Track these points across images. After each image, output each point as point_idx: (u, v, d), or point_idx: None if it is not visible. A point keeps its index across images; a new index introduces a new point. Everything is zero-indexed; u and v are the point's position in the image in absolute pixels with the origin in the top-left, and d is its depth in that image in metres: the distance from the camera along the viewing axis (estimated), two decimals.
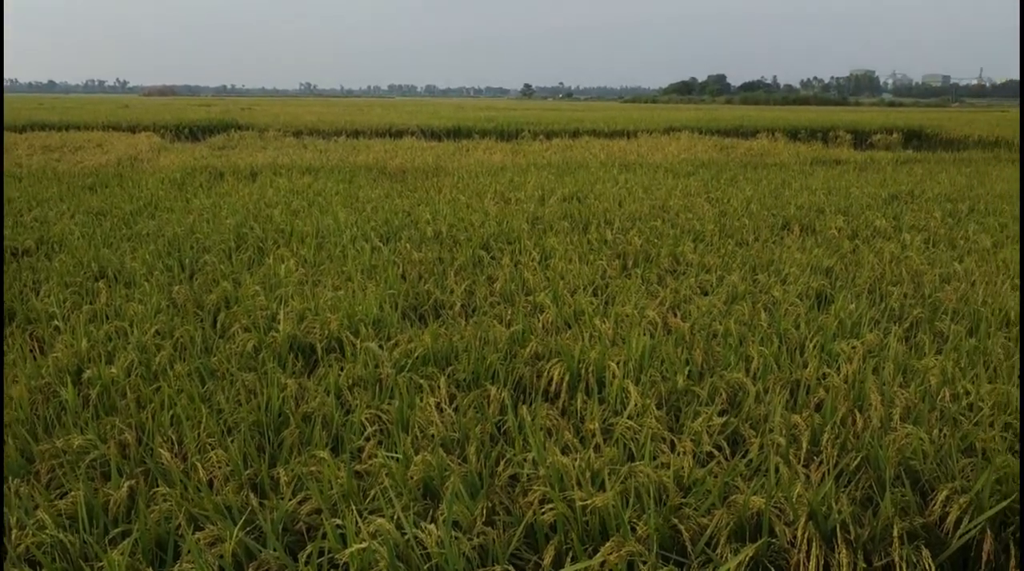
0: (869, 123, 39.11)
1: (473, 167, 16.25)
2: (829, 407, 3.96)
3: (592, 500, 3.06)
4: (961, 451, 3.60)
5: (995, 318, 5.58)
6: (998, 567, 3.16)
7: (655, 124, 34.53)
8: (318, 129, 30.75)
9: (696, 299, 6.18)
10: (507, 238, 8.68)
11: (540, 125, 33.40)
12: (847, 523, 2.99)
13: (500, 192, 12.35)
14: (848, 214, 10.44)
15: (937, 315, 5.80)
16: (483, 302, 6.22)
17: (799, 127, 35.04)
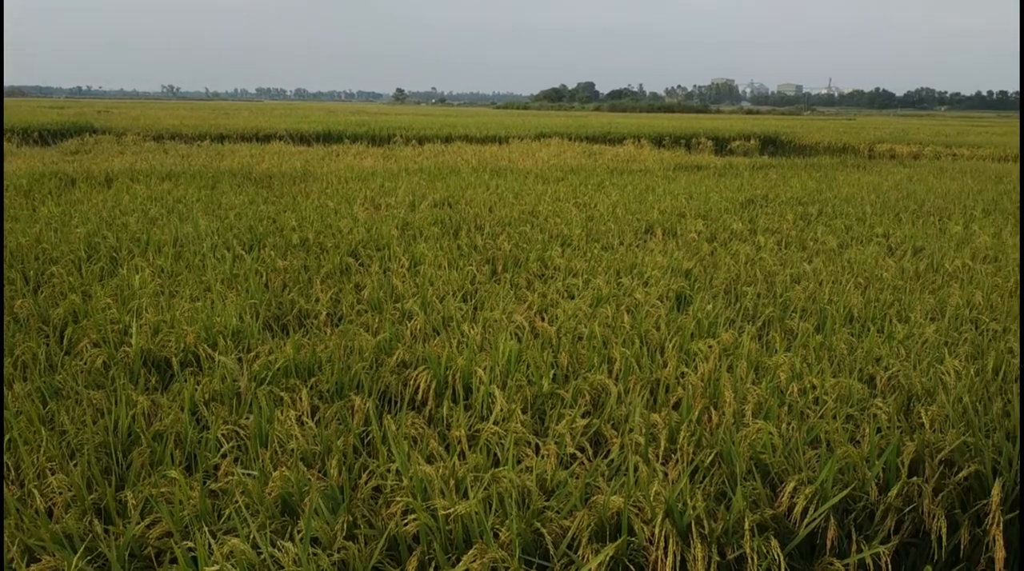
0: (729, 130, 40.88)
1: (343, 172, 16.00)
2: (686, 405, 4.08)
3: (455, 508, 3.04)
4: (807, 443, 3.78)
5: (839, 315, 5.91)
6: (841, 552, 3.33)
7: (527, 130, 34.96)
8: (180, 133, 29.56)
9: (563, 303, 6.26)
10: (376, 244, 8.58)
11: (412, 130, 33.25)
12: (702, 518, 3.09)
13: (370, 198, 12.20)
14: (708, 218, 10.85)
15: (787, 313, 6.09)
16: (350, 310, 6.12)
17: (664, 134, 36.27)
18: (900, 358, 4.99)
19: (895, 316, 5.98)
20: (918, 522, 3.50)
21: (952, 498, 3.58)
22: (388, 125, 35.97)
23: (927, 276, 7.42)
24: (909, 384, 4.52)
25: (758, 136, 37.84)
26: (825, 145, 34.38)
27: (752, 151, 33.10)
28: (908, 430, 3.96)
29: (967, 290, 6.71)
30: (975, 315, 6.04)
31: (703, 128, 41.77)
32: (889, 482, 3.53)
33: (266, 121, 38.34)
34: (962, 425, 3.95)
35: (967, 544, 3.56)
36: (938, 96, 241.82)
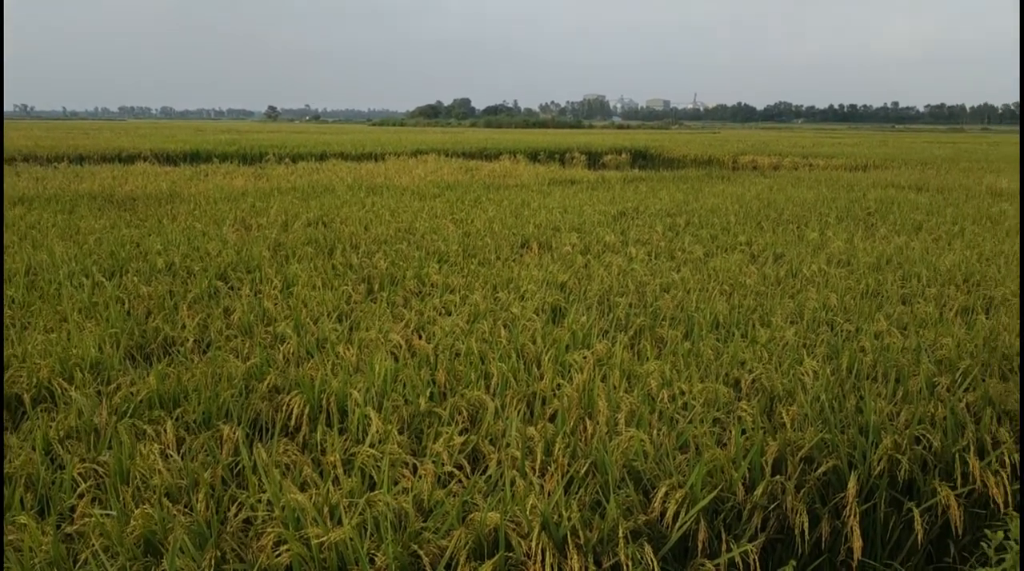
0: (601, 144, 41.92)
1: (212, 193, 15.49)
2: (562, 417, 4.13)
3: (328, 536, 2.97)
4: (677, 448, 3.89)
5: (706, 322, 6.13)
6: (712, 553, 3.44)
7: (403, 147, 34.83)
8: (35, 154, 27.92)
9: (440, 320, 6.24)
10: (247, 267, 8.33)
11: (286, 148, 32.58)
12: (577, 529, 3.13)
13: (241, 218, 11.86)
14: (582, 231, 11.06)
15: (658, 322, 6.27)
16: (219, 336, 5.91)
17: (539, 149, 36.84)
18: (763, 361, 5.21)
19: (758, 321, 6.25)
20: (783, 518, 3.65)
21: (813, 493, 3.76)
22: (260, 143, 35.11)
23: (787, 281, 7.79)
24: (771, 386, 4.72)
25: (629, 150, 38.97)
26: (692, 158, 35.72)
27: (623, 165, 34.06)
28: (771, 430, 4.14)
29: (823, 293, 7.09)
30: (830, 317, 6.38)
31: (576, 143, 42.66)
32: (755, 481, 3.67)
33: (129, 141, 36.73)
34: (820, 423, 4.16)
35: (828, 536, 3.74)
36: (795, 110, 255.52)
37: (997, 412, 4.53)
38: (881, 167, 27.07)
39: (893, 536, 3.93)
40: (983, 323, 6.16)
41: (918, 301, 6.97)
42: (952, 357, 5.30)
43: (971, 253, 9.31)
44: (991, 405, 4.56)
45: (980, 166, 26.70)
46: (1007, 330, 5.99)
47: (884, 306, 6.75)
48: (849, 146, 43.55)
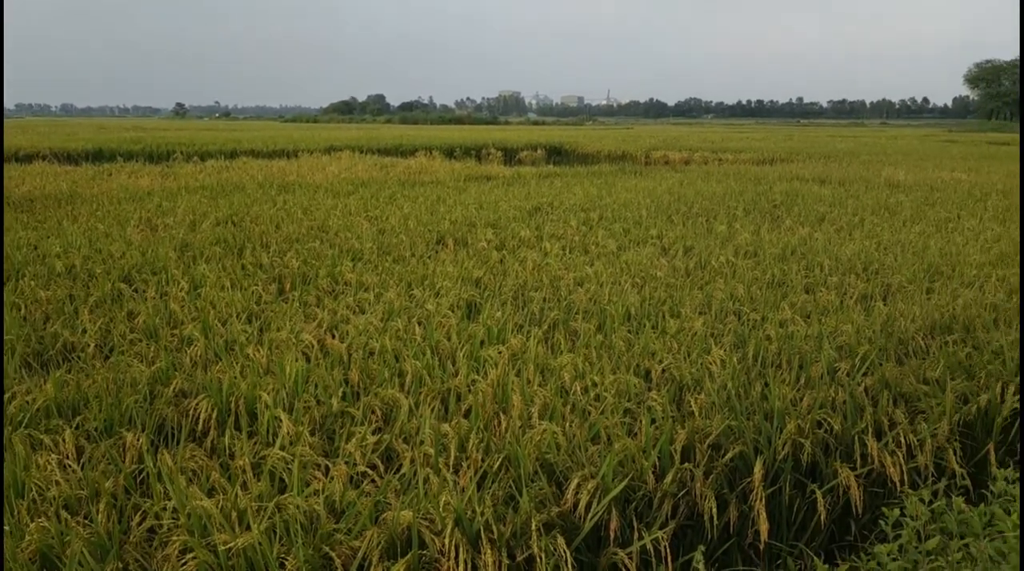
0: (517, 140, 42.06)
1: (116, 193, 14.95)
2: (476, 413, 4.14)
3: (236, 542, 2.91)
4: (590, 439, 3.94)
5: (618, 314, 6.22)
6: (625, 542, 3.50)
7: (316, 144, 34.27)
8: None
9: (354, 318, 6.18)
10: (152, 268, 8.07)
11: (194, 146, 31.66)
12: (490, 523, 3.13)
13: (146, 218, 11.48)
14: (497, 226, 11.09)
15: (572, 315, 6.33)
16: (122, 340, 5.71)
17: (455, 145, 36.72)
18: (673, 351, 5.32)
19: (668, 312, 6.37)
20: (692, 505, 3.74)
21: (721, 479, 3.85)
22: (167, 141, 34.04)
23: (696, 273, 7.97)
24: (680, 375, 4.82)
25: (544, 146, 39.20)
26: (606, 153, 36.16)
27: (539, 161, 34.26)
28: (680, 419, 4.23)
29: (731, 284, 7.28)
30: (737, 307, 6.55)
31: (492, 139, 42.70)
32: (664, 470, 3.75)
33: (27, 139, 35.11)
34: (727, 410, 4.27)
35: (736, 520, 3.84)
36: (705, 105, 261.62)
37: (893, 395, 4.73)
38: (787, 161, 27.93)
39: (798, 517, 4.06)
40: (881, 309, 6.42)
41: (821, 290, 7.22)
42: (852, 343, 5.51)
43: (870, 242, 9.69)
44: (887, 388, 4.76)
45: (879, 159, 27.82)
46: (903, 316, 6.26)
47: (789, 295, 6.97)
48: (757, 141, 44.80)
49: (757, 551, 3.87)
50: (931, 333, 5.96)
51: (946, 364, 5.12)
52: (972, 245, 9.55)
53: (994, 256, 8.84)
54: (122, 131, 48.63)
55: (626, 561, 3.31)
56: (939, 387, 4.81)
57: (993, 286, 7.32)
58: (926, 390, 4.80)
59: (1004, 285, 7.38)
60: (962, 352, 5.42)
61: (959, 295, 6.93)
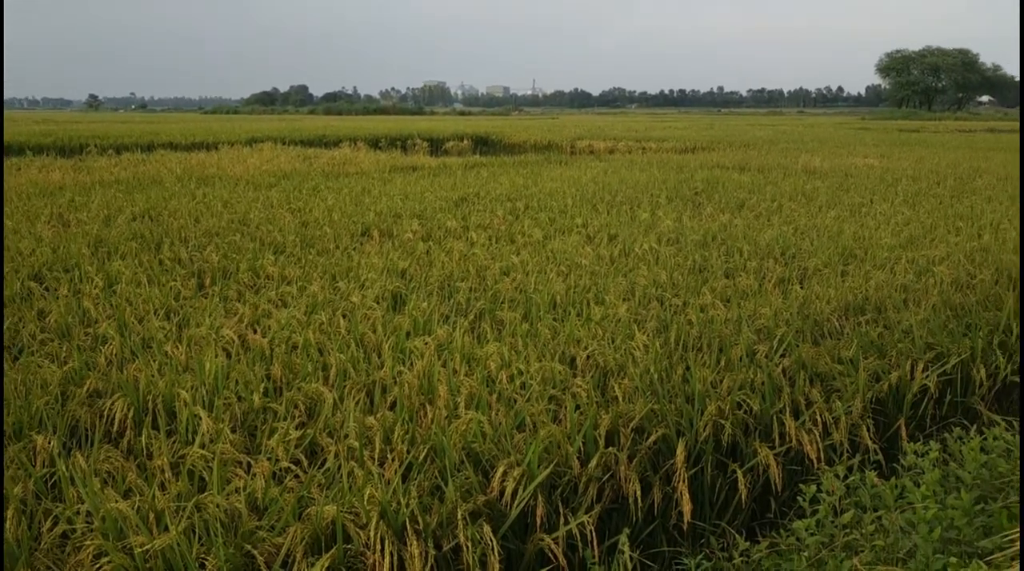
0: (443, 131, 41.88)
1: (24, 187, 14.37)
2: (401, 404, 4.11)
3: (153, 544, 2.83)
4: (515, 427, 3.95)
5: (544, 302, 6.25)
6: (551, 527, 3.52)
7: (237, 136, 33.52)
8: None
9: (276, 312, 6.07)
10: (64, 265, 7.79)
11: (109, 138, 30.65)
12: (416, 515, 3.12)
13: (57, 214, 11.07)
14: (423, 217, 11.02)
15: (498, 305, 6.34)
16: (32, 341, 5.51)
17: (380, 136, 36.39)
18: (597, 338, 5.37)
19: (593, 299, 6.43)
20: (617, 488, 3.79)
21: (644, 462, 3.91)
22: (80, 134, 32.85)
23: (620, 260, 8.06)
24: (605, 361, 4.88)
25: (470, 136, 39.13)
26: (532, 143, 36.30)
27: (465, 151, 34.19)
28: (604, 404, 4.28)
29: (654, 270, 7.39)
30: (660, 293, 6.65)
31: (418, 130, 42.44)
32: (589, 455, 3.79)
33: None
34: (649, 394, 4.33)
35: (660, 502, 3.91)
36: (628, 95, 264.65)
37: (809, 374, 4.87)
38: (708, 149, 28.45)
39: (720, 497, 4.16)
40: (798, 292, 6.60)
41: (740, 274, 7.38)
42: (770, 325, 5.66)
43: (788, 228, 9.94)
44: (804, 368, 4.90)
45: (796, 147, 28.56)
46: (818, 298, 6.45)
47: (709, 280, 7.11)
48: (679, 130, 45.54)
49: (681, 531, 3.95)
50: (845, 314, 6.16)
51: (859, 344, 5.29)
52: (884, 229, 9.89)
53: (904, 239, 9.17)
54: (31, 124, 46.74)
55: (552, 546, 3.34)
56: (853, 366, 4.97)
57: (903, 268, 7.60)
58: (840, 369, 4.96)
59: (913, 266, 7.66)
60: (874, 332, 5.61)
61: (871, 277, 7.17)
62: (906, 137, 38.27)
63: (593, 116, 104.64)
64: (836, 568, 3.41)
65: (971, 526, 3.44)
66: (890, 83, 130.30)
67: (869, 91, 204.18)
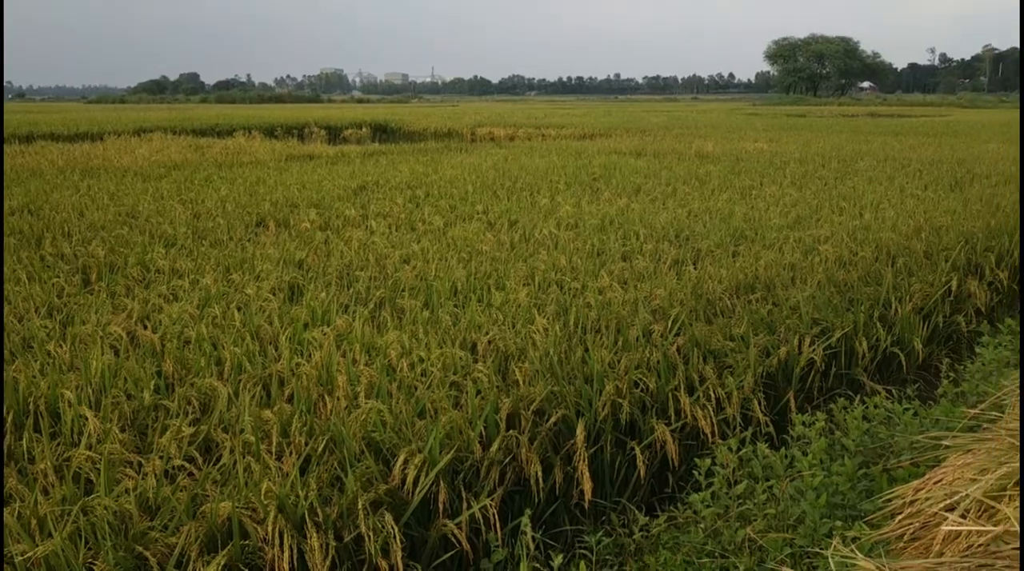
0: (341, 119, 41.22)
1: None
2: (298, 396, 4.04)
3: (35, 551, 2.71)
4: (416, 415, 3.94)
5: (445, 289, 6.24)
6: (455, 512, 3.53)
7: (124, 126, 32.18)
8: None
9: (167, 307, 5.87)
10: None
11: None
12: (315, 507, 3.08)
13: None
14: (321, 206, 10.83)
15: (399, 293, 6.29)
16: None
17: (276, 124, 35.55)
18: (498, 323, 5.39)
19: (494, 285, 6.45)
20: (519, 471, 3.82)
21: (545, 444, 3.96)
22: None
23: (521, 246, 8.11)
24: (506, 346, 4.91)
25: (369, 124, 38.66)
26: (432, 130, 36.10)
27: (364, 139, 33.74)
28: (505, 388, 4.30)
29: (553, 255, 7.47)
30: (559, 277, 6.73)
31: (315, 118, 41.65)
32: (491, 438, 3.81)
33: None
34: (549, 376, 4.38)
35: (562, 482, 3.97)
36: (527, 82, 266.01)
37: (703, 352, 5.02)
38: (606, 135, 28.87)
39: (620, 474, 4.25)
40: (691, 273, 6.78)
41: (637, 257, 7.53)
42: (665, 306, 5.80)
43: (682, 211, 10.19)
44: (698, 346, 5.04)
45: (691, 132, 29.28)
46: (711, 278, 6.64)
47: (607, 263, 7.23)
48: (578, 116, 46.03)
49: (583, 510, 4.02)
50: (736, 293, 6.36)
51: (750, 321, 5.48)
52: (773, 210, 10.25)
53: (792, 219, 9.53)
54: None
55: (455, 531, 3.35)
56: (744, 343, 5.15)
57: (791, 247, 7.90)
58: (732, 346, 5.12)
59: (800, 245, 7.97)
60: (764, 309, 5.82)
61: (761, 257, 7.42)
62: (793, 122, 39.72)
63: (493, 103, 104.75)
64: (731, 538, 3.54)
65: (854, 490, 3.61)
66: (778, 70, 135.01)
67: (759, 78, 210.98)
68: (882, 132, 29.23)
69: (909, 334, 5.98)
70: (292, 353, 4.84)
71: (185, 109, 64.47)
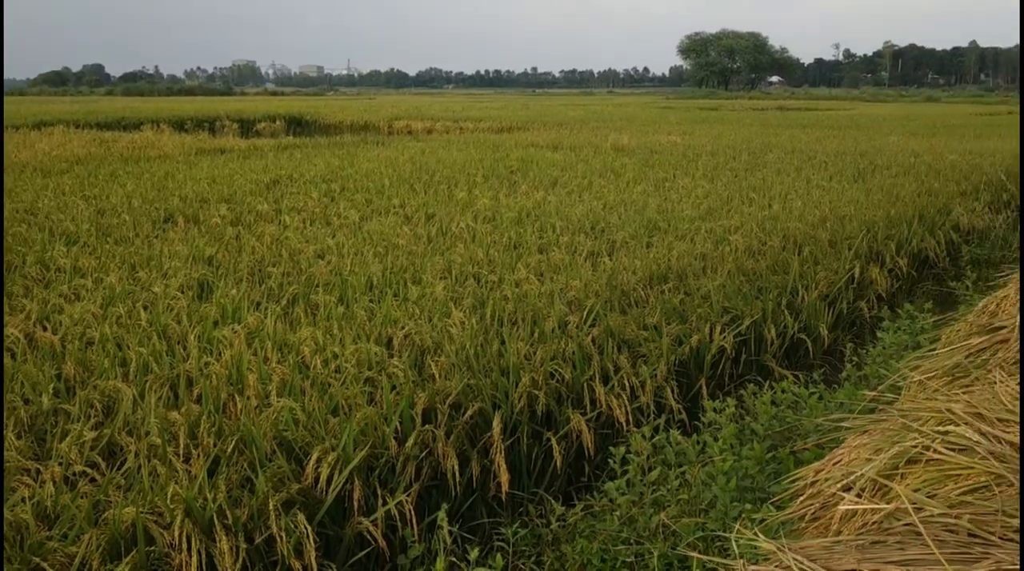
0: (254, 112, 40.35)
1: None
2: (207, 396, 3.93)
3: None
4: (330, 412, 3.88)
5: (360, 284, 6.16)
6: (370, 510, 3.49)
7: (22, 119, 30.77)
8: None
9: (68, 307, 5.64)
10: None
11: None
12: (224, 509, 3.00)
13: None
14: (232, 201, 10.57)
15: (313, 289, 6.19)
16: None
17: (185, 118, 34.56)
18: (414, 317, 5.36)
19: (410, 279, 6.41)
20: (436, 465, 3.80)
21: (462, 437, 3.95)
22: None
23: (438, 239, 8.08)
24: (422, 340, 4.87)
25: (284, 117, 37.90)
26: (348, 124, 35.62)
27: (279, 132, 33.11)
28: (421, 383, 4.27)
29: (470, 248, 7.45)
30: (476, 270, 6.72)
31: (227, 111, 40.66)
32: (407, 434, 3.78)
33: None
34: (466, 369, 4.37)
35: (479, 475, 3.97)
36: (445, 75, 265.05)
37: (617, 342, 5.08)
38: (523, 129, 28.98)
39: (537, 465, 4.27)
40: (607, 264, 6.87)
41: (553, 249, 7.58)
42: (581, 297, 5.85)
43: (598, 203, 10.30)
44: (612, 336, 5.11)
45: (607, 125, 29.62)
46: (626, 269, 6.73)
47: (524, 256, 7.25)
48: (496, 110, 46.07)
49: (501, 502, 4.02)
50: (650, 283, 6.46)
51: (663, 311, 5.58)
52: (685, 201, 10.45)
53: (703, 210, 9.73)
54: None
55: (371, 528, 3.31)
56: (657, 332, 5.23)
57: (703, 238, 8.07)
58: (646, 335, 5.20)
59: (711, 236, 8.15)
60: (676, 299, 5.93)
61: (674, 247, 7.56)
62: (706, 115, 40.59)
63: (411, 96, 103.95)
64: (645, 524, 3.60)
65: (763, 473, 3.72)
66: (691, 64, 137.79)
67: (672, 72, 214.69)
68: (790, 125, 30.13)
69: (815, 320, 6.18)
70: (201, 352, 4.71)
71: (89, 102, 61.98)
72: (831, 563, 1.50)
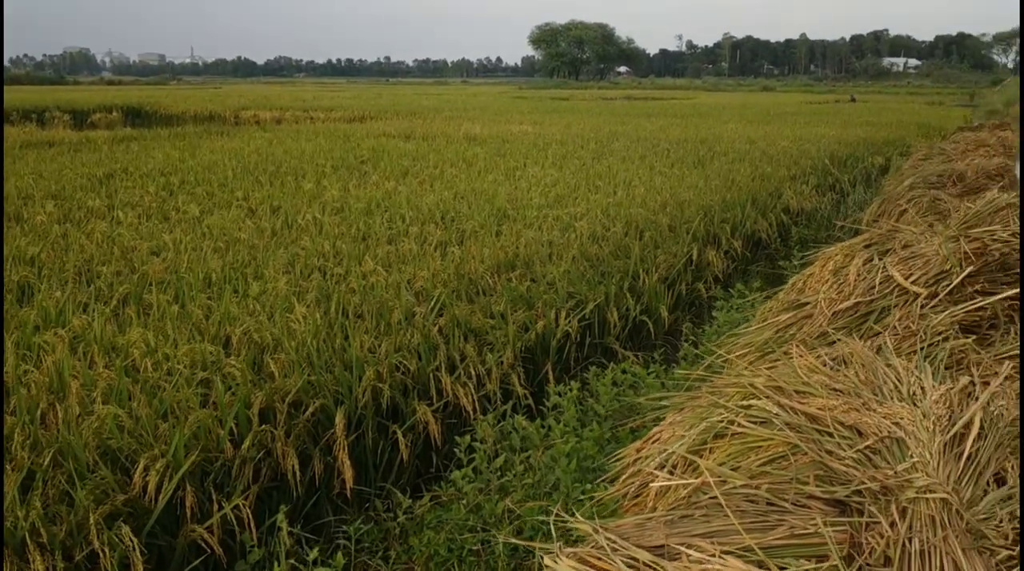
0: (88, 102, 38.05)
1: None
2: (23, 407, 3.67)
3: None
4: (160, 417, 3.70)
5: (197, 282, 5.91)
6: (205, 516, 3.35)
7: None
8: None
9: None
10: None
11: None
12: (39, 527, 2.81)
13: None
14: (60, 197, 9.91)
15: (146, 288, 5.88)
16: None
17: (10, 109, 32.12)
18: (254, 314, 5.18)
19: (251, 274, 6.19)
20: (275, 466, 3.70)
21: (303, 435, 3.86)
22: None
23: (282, 232, 7.85)
24: (261, 337, 4.72)
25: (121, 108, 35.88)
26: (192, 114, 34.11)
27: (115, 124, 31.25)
28: (259, 382, 4.14)
29: (316, 241, 7.28)
30: (322, 263, 6.57)
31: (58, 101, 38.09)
32: (243, 435, 3.65)
33: None
34: (306, 366, 4.27)
35: (322, 473, 3.89)
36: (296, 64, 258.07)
37: (464, 331, 5.10)
38: (376, 118, 28.61)
39: (384, 459, 4.23)
40: (455, 254, 6.87)
41: (403, 240, 7.51)
42: (428, 287, 5.82)
43: (448, 193, 10.29)
44: (459, 325, 5.12)
45: (459, 115, 29.64)
46: (474, 258, 6.75)
47: (372, 247, 7.15)
48: (348, 99, 45.27)
49: (347, 499, 3.96)
50: (498, 271, 6.51)
51: (509, 298, 5.63)
52: (534, 190, 10.59)
53: (552, 198, 9.90)
54: None
55: (206, 535, 3.18)
56: (504, 320, 5.28)
57: (550, 225, 8.20)
58: (493, 323, 5.24)
59: (558, 223, 8.29)
60: (523, 286, 6.00)
61: (522, 235, 7.65)
62: (557, 105, 41.29)
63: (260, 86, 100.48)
64: (491, 510, 3.62)
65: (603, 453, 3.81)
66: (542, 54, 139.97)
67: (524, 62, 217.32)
68: (636, 114, 31.10)
69: (656, 302, 6.41)
70: (19, 360, 4.38)
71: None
72: (642, 540, 1.55)
